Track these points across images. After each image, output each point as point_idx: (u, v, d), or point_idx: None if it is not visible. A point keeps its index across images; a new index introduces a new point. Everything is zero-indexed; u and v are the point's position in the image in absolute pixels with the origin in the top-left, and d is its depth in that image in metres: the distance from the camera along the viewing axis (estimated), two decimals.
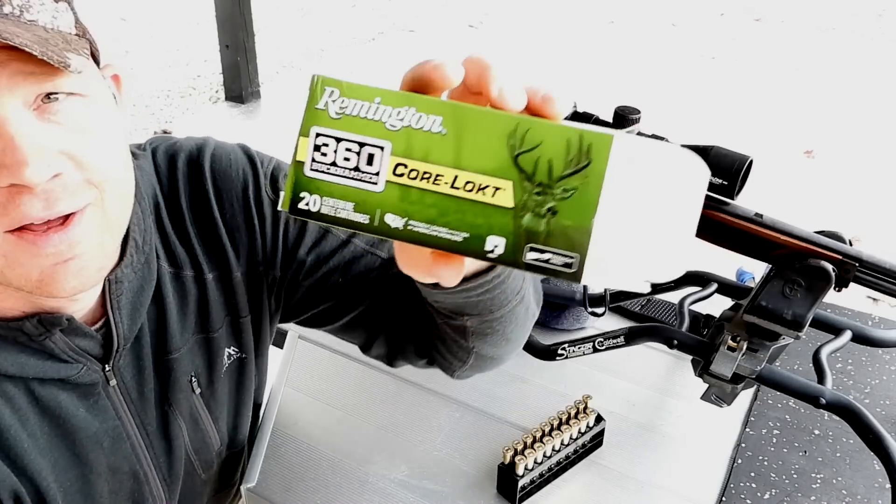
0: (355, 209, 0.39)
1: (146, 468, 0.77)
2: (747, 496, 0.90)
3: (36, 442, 0.66)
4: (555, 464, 0.90)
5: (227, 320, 0.79)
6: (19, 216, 0.54)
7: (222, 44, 4.05)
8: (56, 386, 0.67)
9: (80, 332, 0.66)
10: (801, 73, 4.57)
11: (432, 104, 0.38)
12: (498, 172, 0.38)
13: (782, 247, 0.83)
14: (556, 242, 0.37)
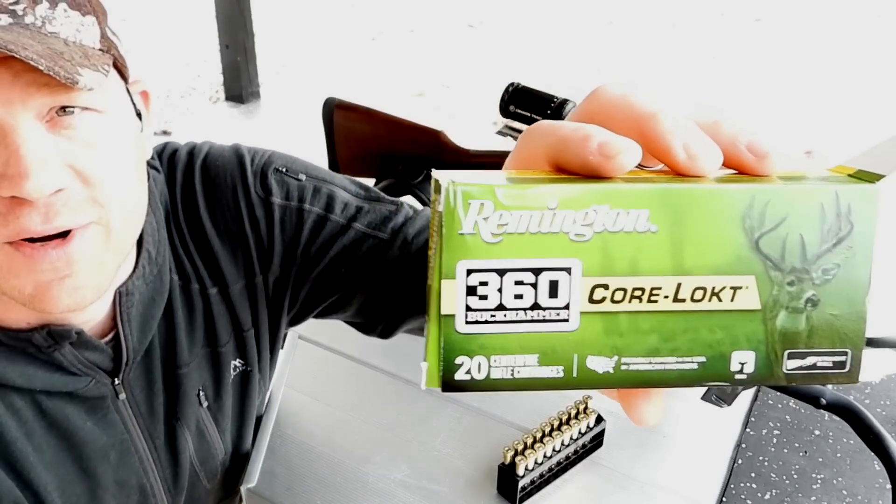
0: (541, 361, 0.28)
1: (152, 481, 0.77)
2: (747, 496, 0.90)
3: (42, 456, 0.65)
4: (555, 464, 0.90)
5: (232, 334, 0.78)
6: (17, 228, 0.53)
7: (222, 44, 4.05)
8: (63, 399, 0.66)
9: (90, 345, 0.65)
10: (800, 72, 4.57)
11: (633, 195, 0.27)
12: (735, 268, 0.28)
13: None
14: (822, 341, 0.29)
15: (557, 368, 0.28)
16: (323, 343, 1.13)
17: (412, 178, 1.04)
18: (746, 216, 0.27)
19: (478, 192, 0.26)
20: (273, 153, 0.78)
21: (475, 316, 0.27)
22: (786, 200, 0.28)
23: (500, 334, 0.28)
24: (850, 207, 0.28)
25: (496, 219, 0.27)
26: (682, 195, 0.27)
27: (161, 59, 4.69)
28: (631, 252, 0.27)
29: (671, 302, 0.28)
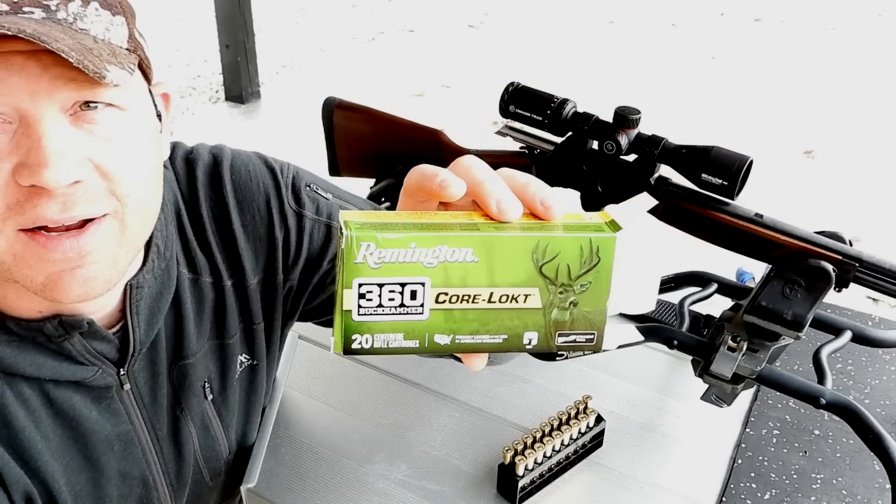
0: (405, 337, 0.44)
1: (155, 474, 0.77)
2: (747, 496, 0.90)
3: (49, 444, 0.66)
4: (555, 464, 0.90)
5: (241, 327, 0.80)
6: (34, 216, 0.55)
7: (222, 44, 4.05)
8: (70, 388, 0.67)
9: (99, 335, 0.66)
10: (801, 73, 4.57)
11: (462, 239, 0.43)
12: (527, 283, 0.44)
13: (782, 247, 0.83)
14: (579, 326, 0.47)
15: (415, 342, 0.44)
16: (323, 343, 1.13)
17: None
18: (534, 252, 0.43)
19: (365, 237, 0.41)
20: (296, 167, 0.82)
21: (363, 311, 0.42)
22: (559, 243, 0.44)
23: (379, 322, 0.43)
24: (598, 248, 0.44)
25: (377, 254, 0.41)
26: (494, 240, 0.43)
27: (161, 59, 4.69)
28: (462, 273, 0.43)
29: (486, 303, 0.43)
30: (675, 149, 0.85)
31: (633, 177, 0.88)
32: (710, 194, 0.85)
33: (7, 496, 0.63)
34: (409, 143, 1.04)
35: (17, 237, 0.56)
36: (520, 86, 0.92)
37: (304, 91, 4.29)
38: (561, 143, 0.93)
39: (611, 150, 0.87)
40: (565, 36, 5.17)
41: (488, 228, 0.43)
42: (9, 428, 0.63)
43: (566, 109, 0.89)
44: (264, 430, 0.98)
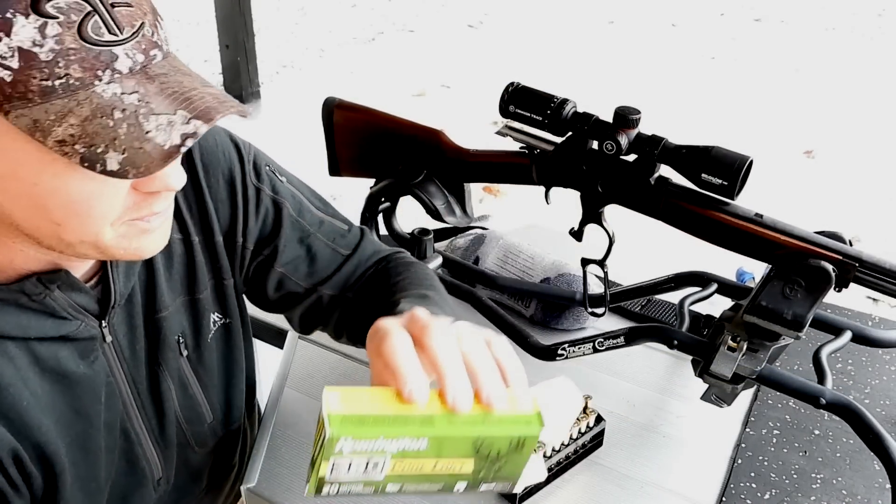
0: (364, 487, 0.56)
1: (137, 428, 0.79)
2: (747, 496, 0.90)
3: (38, 400, 0.68)
4: (555, 464, 0.90)
5: (211, 284, 0.84)
6: (148, 211, 0.63)
7: (222, 44, 4.05)
8: (56, 344, 0.69)
9: (77, 287, 0.69)
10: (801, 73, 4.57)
11: (420, 433, 0.54)
12: (465, 457, 0.57)
13: (782, 247, 0.83)
14: (500, 480, 0.60)
15: (370, 488, 0.57)
16: (323, 343, 1.13)
17: (412, 178, 1.04)
18: (475, 442, 0.56)
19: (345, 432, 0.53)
20: (257, 149, 0.88)
21: (334, 475, 0.55)
22: (495, 439, 0.56)
23: (345, 481, 0.55)
24: (524, 441, 0.57)
25: (352, 443, 0.53)
26: (444, 438, 0.55)
27: None
28: (415, 454, 0.55)
29: (431, 469, 0.56)
30: (675, 149, 0.85)
31: (633, 177, 0.88)
32: (710, 194, 0.84)
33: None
34: (409, 143, 1.04)
35: (121, 226, 0.63)
36: (520, 86, 0.92)
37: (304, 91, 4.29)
38: (561, 143, 0.93)
39: (611, 150, 0.87)
40: (565, 36, 5.17)
41: (441, 423, 0.55)
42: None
43: (566, 109, 0.89)
44: (264, 430, 0.98)
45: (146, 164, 0.55)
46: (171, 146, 0.55)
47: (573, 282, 1.13)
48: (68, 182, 0.57)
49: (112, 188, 0.59)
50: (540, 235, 1.33)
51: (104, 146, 0.54)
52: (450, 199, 1.07)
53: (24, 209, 0.59)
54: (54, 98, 0.53)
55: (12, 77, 0.52)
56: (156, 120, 0.55)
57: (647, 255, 1.30)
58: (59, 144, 0.54)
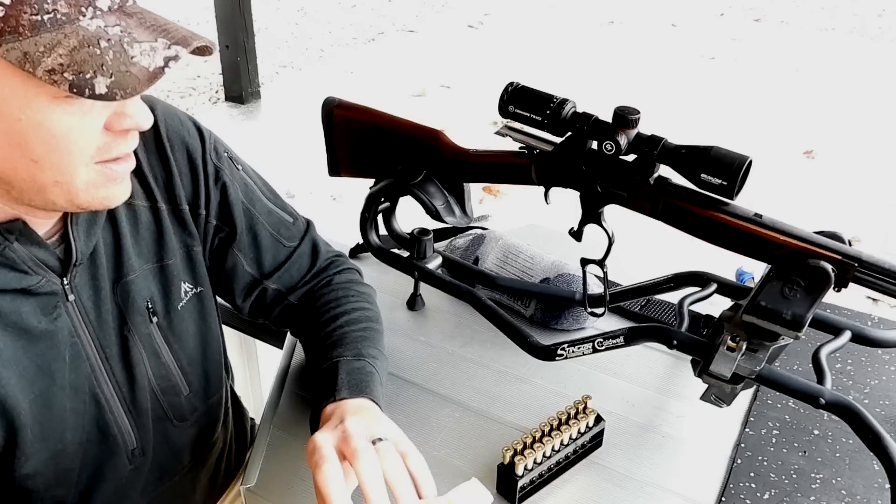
0: None
1: (107, 394, 0.81)
2: (747, 496, 0.90)
3: (1, 354, 0.71)
4: (554, 464, 0.90)
5: (181, 252, 0.88)
6: (119, 151, 0.69)
7: (222, 44, 4.05)
8: (19, 298, 0.72)
9: (36, 241, 0.72)
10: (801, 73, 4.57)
11: None
12: None
13: (781, 247, 0.83)
14: None
15: None
16: None
17: (412, 178, 1.04)
18: None
19: None
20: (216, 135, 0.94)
21: None
22: None
23: None
24: None
25: None
26: None
27: None
28: None
29: None
30: (675, 149, 0.85)
31: (633, 177, 0.88)
32: (709, 194, 0.85)
33: None
34: (409, 143, 1.04)
35: (92, 168, 0.67)
36: (519, 86, 0.92)
37: (304, 91, 4.29)
38: (560, 143, 0.93)
39: (610, 151, 0.87)
40: (565, 36, 5.17)
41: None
42: None
43: (565, 109, 0.89)
44: (264, 430, 0.98)
45: (133, 86, 0.61)
46: (155, 68, 0.62)
47: (573, 282, 1.13)
48: (51, 116, 0.62)
49: (89, 123, 0.64)
50: (539, 235, 1.33)
51: (92, 72, 0.59)
52: (449, 199, 1.07)
53: (4, 148, 0.63)
54: (43, 31, 0.58)
55: (4, 12, 0.57)
56: (139, 47, 0.62)
57: (647, 255, 1.30)
58: (49, 74, 0.58)
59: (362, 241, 1.12)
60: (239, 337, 1.40)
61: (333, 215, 2.88)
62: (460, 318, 1.18)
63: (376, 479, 0.67)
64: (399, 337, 1.15)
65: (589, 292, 1.05)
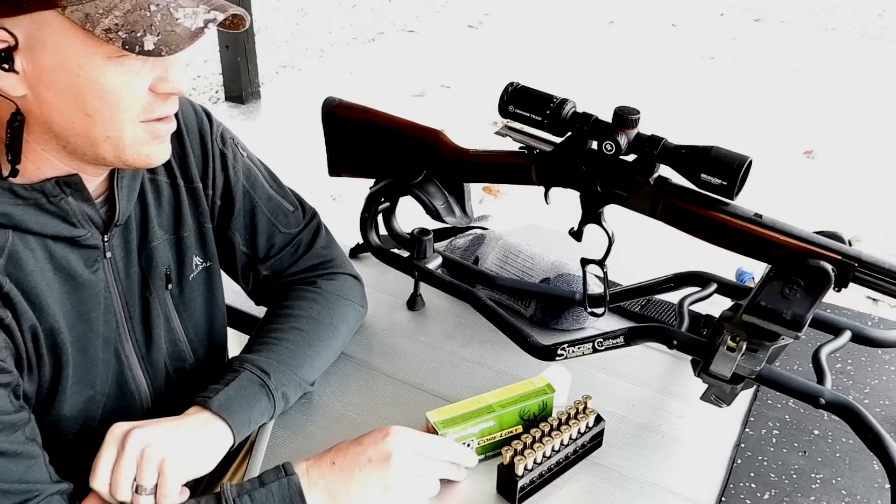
0: None
1: (127, 351, 0.89)
2: (747, 496, 0.90)
3: (52, 292, 0.79)
4: (554, 464, 0.90)
5: (194, 226, 0.95)
6: (162, 112, 0.77)
7: (222, 44, 4.05)
8: (67, 247, 0.80)
9: (87, 198, 0.80)
10: (801, 73, 4.57)
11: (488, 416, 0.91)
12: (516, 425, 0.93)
13: (781, 247, 0.83)
14: None
15: None
16: None
17: (411, 178, 1.04)
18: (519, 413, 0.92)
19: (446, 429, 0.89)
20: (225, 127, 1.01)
21: None
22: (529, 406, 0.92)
23: None
24: (546, 403, 0.93)
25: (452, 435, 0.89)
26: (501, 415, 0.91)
27: None
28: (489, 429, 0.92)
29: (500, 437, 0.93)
30: (675, 149, 0.85)
31: (633, 177, 0.88)
32: (709, 194, 0.85)
33: (18, 325, 0.76)
34: (409, 143, 1.04)
35: (139, 126, 0.76)
36: (519, 86, 0.92)
37: (304, 91, 4.29)
38: (560, 143, 0.93)
39: (610, 151, 0.87)
40: (565, 36, 5.17)
41: (498, 408, 0.91)
42: (19, 270, 0.76)
43: (565, 109, 0.89)
44: (264, 430, 0.98)
45: (177, 43, 0.69)
46: (196, 28, 0.70)
47: (573, 282, 1.13)
48: (105, 73, 0.70)
49: (137, 83, 0.73)
50: (539, 235, 1.33)
51: (142, 31, 0.68)
52: (449, 199, 1.07)
53: (63, 101, 0.71)
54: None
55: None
56: (183, 10, 0.70)
57: (647, 255, 1.30)
58: (106, 32, 0.67)
59: (362, 241, 1.12)
60: (239, 337, 1.40)
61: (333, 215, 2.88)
62: (460, 318, 1.18)
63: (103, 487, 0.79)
64: (399, 337, 1.15)
65: (589, 292, 1.05)
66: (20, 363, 0.77)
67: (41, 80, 0.70)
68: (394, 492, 0.81)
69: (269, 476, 0.80)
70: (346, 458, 0.81)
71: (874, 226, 2.97)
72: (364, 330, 1.15)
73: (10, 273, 0.75)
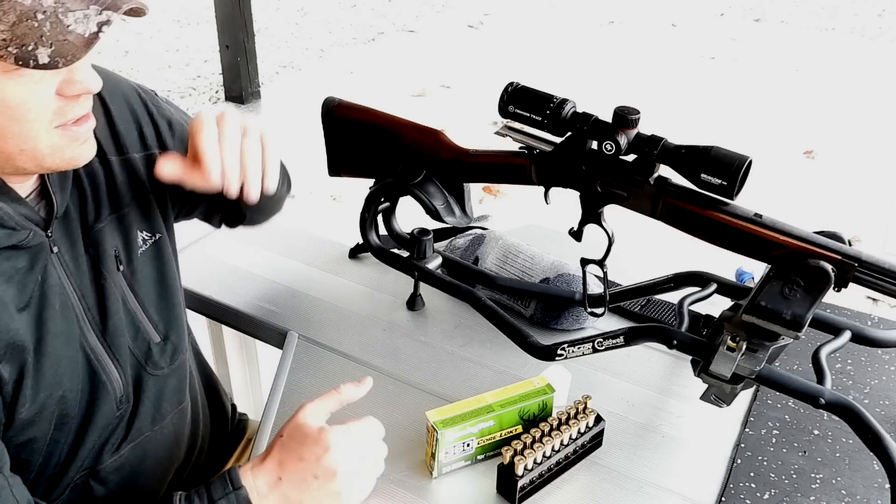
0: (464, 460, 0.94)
1: (92, 342, 0.86)
2: (747, 496, 0.90)
3: (6, 306, 0.76)
4: (554, 464, 0.90)
5: (133, 201, 0.91)
6: (75, 114, 0.73)
7: (222, 44, 4.05)
8: (13, 252, 0.77)
9: (18, 199, 0.77)
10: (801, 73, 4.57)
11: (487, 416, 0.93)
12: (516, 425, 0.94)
13: (781, 247, 0.83)
14: None
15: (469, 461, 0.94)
16: (323, 343, 1.13)
17: (411, 178, 1.04)
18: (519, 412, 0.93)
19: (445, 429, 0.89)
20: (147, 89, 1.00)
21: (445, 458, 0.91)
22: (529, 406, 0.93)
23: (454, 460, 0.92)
24: (546, 403, 0.94)
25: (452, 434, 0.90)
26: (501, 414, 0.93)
27: (161, 59, 4.69)
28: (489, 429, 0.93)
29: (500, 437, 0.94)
30: (675, 149, 0.85)
31: (633, 177, 0.88)
32: (709, 194, 0.85)
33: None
34: (409, 143, 1.04)
35: (54, 133, 0.72)
36: (519, 86, 0.92)
37: (304, 91, 4.29)
38: (560, 143, 0.93)
39: (610, 151, 0.87)
40: (565, 36, 5.17)
41: (497, 407, 0.91)
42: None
43: (565, 109, 0.89)
44: (264, 430, 0.98)
45: (72, 53, 0.66)
46: (90, 34, 0.66)
47: (573, 282, 1.13)
48: (3, 88, 0.67)
49: (41, 91, 0.69)
50: (539, 235, 1.33)
51: (33, 44, 0.64)
52: (449, 199, 1.07)
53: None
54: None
55: None
56: (73, 15, 0.66)
57: (647, 255, 1.30)
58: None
59: (362, 241, 1.12)
60: (239, 337, 1.40)
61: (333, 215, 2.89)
62: (460, 318, 1.18)
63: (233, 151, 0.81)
64: (399, 337, 1.15)
65: (589, 292, 1.05)
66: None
67: None
68: (346, 497, 0.81)
69: (217, 491, 0.80)
70: (291, 473, 0.80)
71: (874, 226, 2.97)
72: (364, 330, 1.15)
73: None
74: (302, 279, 1.27)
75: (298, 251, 1.33)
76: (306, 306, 1.21)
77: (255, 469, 0.81)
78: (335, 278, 1.27)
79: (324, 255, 1.33)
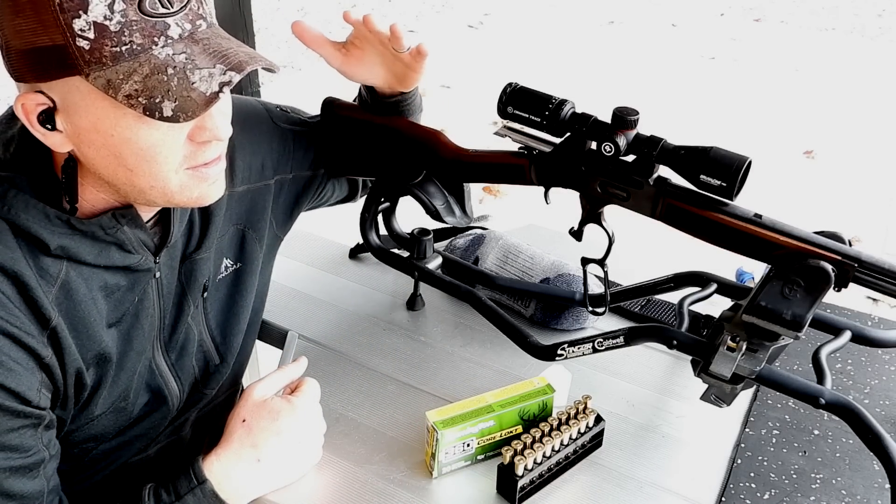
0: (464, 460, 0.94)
1: (158, 360, 0.89)
2: (747, 496, 0.90)
3: (102, 320, 0.80)
4: (554, 464, 0.90)
5: (232, 230, 0.95)
6: (204, 158, 0.76)
7: None
8: (121, 272, 0.80)
9: (140, 225, 0.80)
10: (801, 73, 4.57)
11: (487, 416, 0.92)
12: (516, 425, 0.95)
13: (781, 247, 0.83)
14: None
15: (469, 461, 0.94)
16: (323, 343, 1.13)
17: (411, 178, 1.04)
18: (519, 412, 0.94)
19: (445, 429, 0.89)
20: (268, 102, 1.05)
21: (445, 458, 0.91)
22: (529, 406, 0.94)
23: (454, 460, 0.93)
24: (546, 403, 0.94)
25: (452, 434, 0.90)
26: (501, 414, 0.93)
27: None
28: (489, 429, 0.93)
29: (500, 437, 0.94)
30: (674, 149, 0.85)
31: (632, 178, 0.88)
32: (709, 195, 0.85)
33: (60, 363, 0.76)
34: (409, 143, 1.04)
35: (183, 173, 0.75)
36: (518, 86, 0.92)
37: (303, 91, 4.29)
38: (559, 143, 0.93)
39: (609, 151, 0.87)
40: (565, 36, 5.17)
41: (497, 407, 0.92)
42: (70, 300, 0.76)
43: (564, 110, 0.89)
44: None
45: (192, 109, 0.68)
46: (211, 92, 0.69)
47: (573, 282, 1.13)
48: (137, 133, 0.70)
49: (172, 137, 0.72)
50: (540, 235, 1.33)
51: (161, 97, 0.67)
52: (449, 199, 1.07)
53: (104, 158, 0.72)
54: (122, 61, 0.67)
55: (90, 45, 0.65)
56: (199, 73, 0.69)
57: (647, 255, 1.30)
58: (127, 98, 0.67)
59: (362, 241, 1.12)
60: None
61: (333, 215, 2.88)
62: (460, 318, 1.18)
63: None
64: (399, 337, 1.15)
65: (589, 292, 1.05)
66: (56, 399, 0.78)
67: (81, 139, 0.71)
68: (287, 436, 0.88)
69: (183, 486, 0.83)
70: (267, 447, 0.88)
71: (874, 226, 2.97)
72: (364, 330, 1.15)
73: (60, 304, 0.75)
74: (302, 279, 1.27)
75: (298, 251, 1.33)
76: (306, 306, 1.21)
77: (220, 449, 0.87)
78: (335, 278, 1.27)
79: (324, 255, 1.33)
